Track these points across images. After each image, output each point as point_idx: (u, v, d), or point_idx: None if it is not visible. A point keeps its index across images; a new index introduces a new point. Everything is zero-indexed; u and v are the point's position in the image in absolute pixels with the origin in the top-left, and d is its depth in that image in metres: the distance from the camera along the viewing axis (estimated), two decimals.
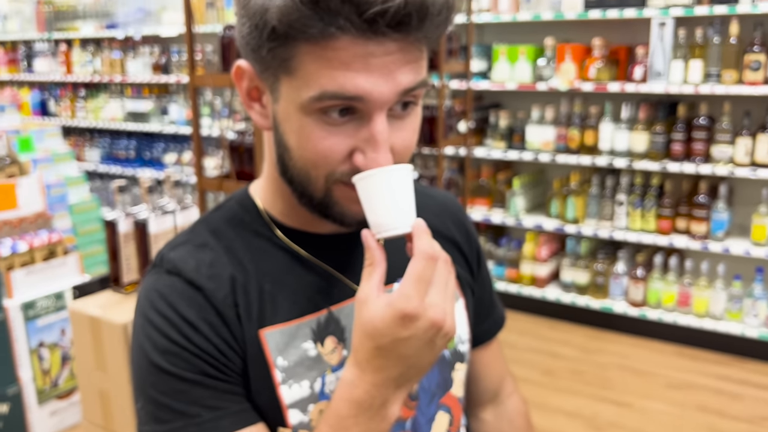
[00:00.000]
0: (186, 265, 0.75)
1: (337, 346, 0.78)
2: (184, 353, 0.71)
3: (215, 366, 0.72)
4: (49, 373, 2.70)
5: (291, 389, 0.75)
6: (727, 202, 3.26)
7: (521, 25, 3.82)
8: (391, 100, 0.67)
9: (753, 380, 3.11)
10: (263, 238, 0.79)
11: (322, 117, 0.67)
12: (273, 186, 0.80)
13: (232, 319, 0.74)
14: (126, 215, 1.67)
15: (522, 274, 3.78)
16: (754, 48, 3.02)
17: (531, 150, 3.69)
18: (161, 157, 5.25)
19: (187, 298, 0.73)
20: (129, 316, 1.58)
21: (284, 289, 0.77)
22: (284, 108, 0.70)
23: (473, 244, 0.97)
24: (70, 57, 5.50)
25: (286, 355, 0.75)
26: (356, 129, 0.68)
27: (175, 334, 0.71)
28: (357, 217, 0.73)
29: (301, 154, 0.70)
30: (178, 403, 0.71)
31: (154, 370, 0.72)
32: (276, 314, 0.76)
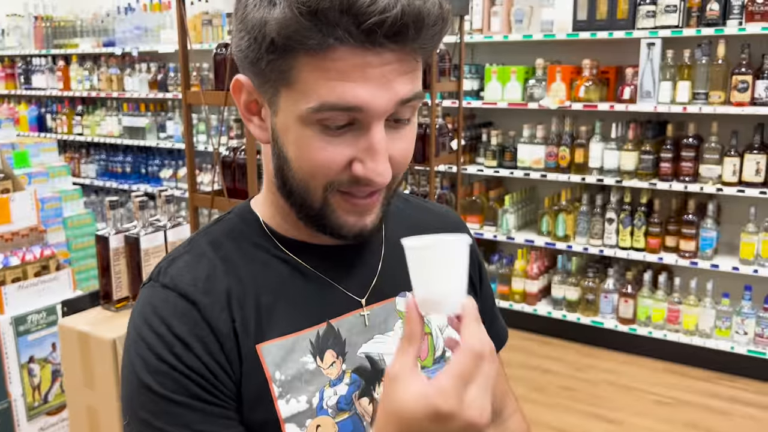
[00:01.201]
0: (182, 279, 0.74)
1: (336, 360, 0.77)
2: (174, 374, 0.70)
3: (205, 388, 0.71)
4: (38, 389, 2.70)
5: (288, 404, 0.74)
6: (715, 220, 3.29)
7: (512, 45, 3.87)
8: (389, 110, 0.68)
9: (742, 397, 3.12)
10: (263, 249, 0.79)
11: (321, 128, 0.68)
12: (272, 199, 0.80)
13: (227, 335, 0.73)
14: (117, 231, 1.69)
15: (513, 290, 3.81)
16: (741, 69, 3.07)
17: (522, 168, 3.73)
18: (157, 173, 5.28)
19: (180, 315, 0.72)
20: (118, 333, 1.59)
21: (283, 302, 0.77)
22: (283, 120, 0.70)
23: (474, 257, 0.97)
24: (67, 73, 5.55)
25: (284, 369, 0.74)
26: (355, 139, 0.69)
27: (166, 353, 0.70)
28: (353, 229, 0.74)
29: (300, 165, 0.70)
30: (166, 425, 0.69)
31: (144, 390, 0.70)
32: (274, 327, 0.75)
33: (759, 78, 3.05)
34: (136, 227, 1.71)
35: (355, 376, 0.79)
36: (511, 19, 3.65)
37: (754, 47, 3.14)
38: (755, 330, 3.20)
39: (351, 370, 0.79)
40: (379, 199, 0.74)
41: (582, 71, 3.51)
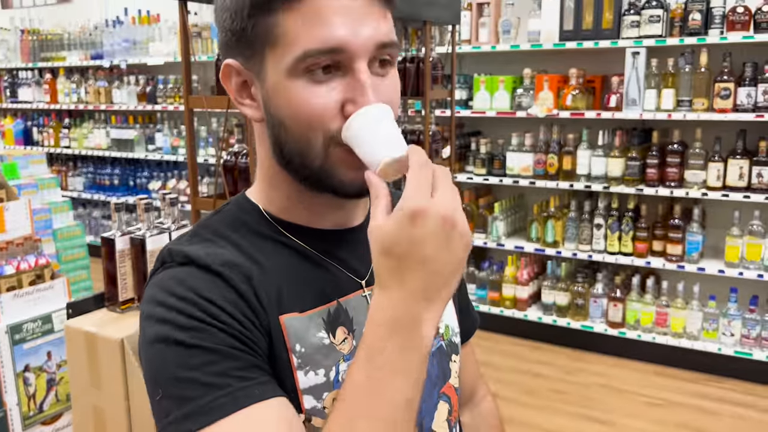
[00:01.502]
0: (198, 255, 0.74)
1: (348, 336, 0.79)
2: (210, 328, 0.68)
3: (242, 341, 0.70)
4: (34, 398, 2.69)
5: (307, 376, 0.75)
6: (700, 224, 3.37)
7: (500, 55, 3.95)
8: (369, 50, 0.71)
9: (730, 397, 3.18)
10: (266, 237, 0.80)
11: (308, 77, 0.71)
12: (271, 182, 0.81)
13: (254, 303, 0.73)
14: (122, 233, 1.71)
15: (504, 296, 3.85)
16: (724, 77, 3.17)
17: (511, 175, 3.79)
18: (146, 185, 5.27)
19: (206, 282, 0.71)
20: (125, 333, 1.61)
21: (293, 283, 0.78)
22: (273, 82, 0.73)
23: None
24: (54, 86, 5.54)
25: (303, 342, 0.75)
26: (343, 83, 0.72)
27: (198, 313, 0.69)
28: (355, 184, 0.74)
29: (296, 119, 0.72)
30: (205, 375, 0.67)
31: (179, 348, 0.68)
32: (290, 306, 0.76)
33: (740, 85, 3.14)
34: (141, 229, 1.72)
35: None
36: (499, 29, 3.73)
37: (735, 55, 3.24)
38: (741, 331, 3.27)
39: None
40: None
41: (569, 80, 3.59)
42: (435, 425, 0.88)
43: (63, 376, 2.65)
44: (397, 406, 0.63)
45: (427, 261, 0.64)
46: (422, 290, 0.64)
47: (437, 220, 0.64)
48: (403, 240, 0.64)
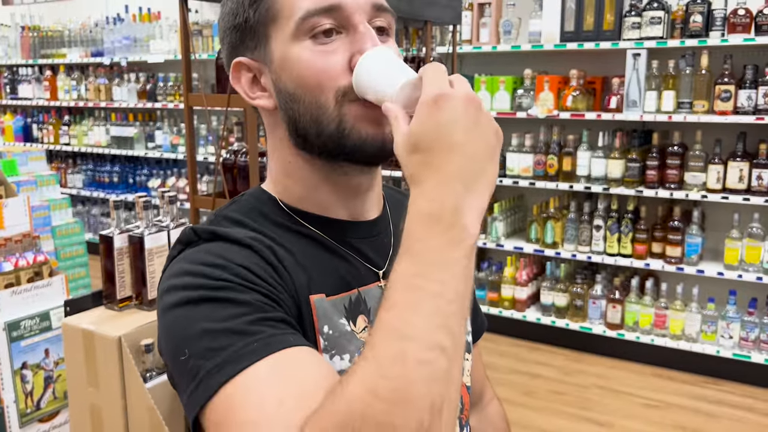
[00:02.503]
0: (227, 232, 0.73)
1: (368, 326, 0.80)
2: (241, 287, 0.67)
3: (274, 299, 0.68)
4: (31, 395, 2.68)
5: (332, 360, 0.75)
6: (700, 226, 3.37)
7: (501, 55, 3.94)
8: (366, 10, 0.74)
9: (728, 400, 3.18)
10: (285, 227, 0.80)
11: (313, 41, 0.73)
12: (287, 172, 0.81)
13: (285, 275, 0.72)
14: (121, 231, 1.70)
15: (503, 297, 3.85)
16: (724, 79, 3.16)
17: (511, 176, 3.79)
18: (145, 183, 5.27)
19: (238, 252, 0.70)
20: (123, 331, 1.60)
21: (316, 271, 0.77)
22: (279, 56, 0.75)
23: None
24: (54, 83, 5.53)
25: (331, 324, 0.75)
26: (345, 42, 0.74)
27: (228, 275, 0.67)
28: (376, 141, 0.74)
29: (305, 83, 0.74)
30: (237, 324, 0.64)
31: (208, 304, 0.66)
32: (317, 288, 0.76)
33: (741, 87, 3.14)
34: (140, 227, 1.72)
35: None
36: (500, 30, 3.73)
37: (736, 58, 3.24)
38: (740, 334, 3.27)
39: None
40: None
41: (569, 81, 3.59)
42: None
43: (60, 374, 2.65)
44: (449, 300, 0.58)
45: (457, 144, 0.60)
46: (458, 175, 0.60)
47: (461, 100, 0.61)
48: (430, 128, 0.61)
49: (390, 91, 0.68)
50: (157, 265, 1.73)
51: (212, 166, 4.67)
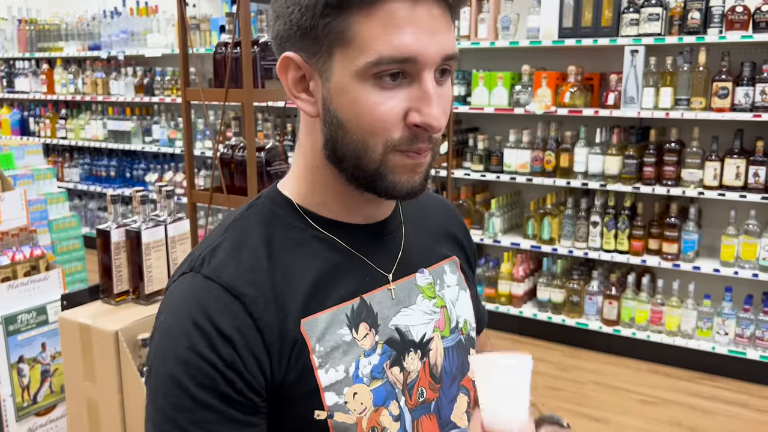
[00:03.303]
0: (226, 270, 0.76)
1: (369, 332, 0.81)
2: (207, 368, 0.72)
3: (234, 386, 0.73)
4: (28, 389, 2.68)
5: (327, 373, 0.77)
6: (696, 223, 3.38)
7: (499, 51, 3.94)
8: (437, 62, 0.73)
9: (723, 396, 3.20)
10: (298, 229, 0.82)
11: (376, 82, 0.72)
12: (309, 177, 0.83)
13: (271, 325, 0.75)
14: (118, 225, 1.70)
15: (499, 293, 3.86)
16: (722, 76, 3.16)
17: (508, 172, 3.79)
18: (142, 177, 5.26)
19: (224, 307, 0.74)
20: (120, 325, 1.60)
21: (322, 279, 0.80)
22: (338, 82, 0.73)
23: (471, 243, 1.06)
24: (51, 76, 5.51)
25: (323, 341, 0.78)
26: (408, 91, 0.73)
27: (202, 346, 0.72)
28: (405, 188, 0.77)
29: (359, 123, 0.73)
30: (183, 419, 0.72)
31: (170, 380, 0.73)
32: (314, 303, 0.78)
33: (738, 84, 3.14)
34: (137, 222, 1.72)
35: (386, 347, 0.83)
36: (498, 26, 3.72)
37: (733, 55, 3.24)
38: (736, 330, 3.28)
39: (383, 342, 0.83)
40: (427, 159, 0.78)
41: (567, 77, 3.59)
42: (454, 416, 0.90)
43: (57, 368, 2.65)
44: None
45: None
46: None
47: None
48: None
49: (495, 415, 0.71)
50: (154, 259, 1.73)
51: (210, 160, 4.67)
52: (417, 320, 0.86)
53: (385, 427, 0.81)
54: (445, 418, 0.89)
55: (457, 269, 0.97)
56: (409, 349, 0.85)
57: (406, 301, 0.87)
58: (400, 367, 0.83)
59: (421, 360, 0.86)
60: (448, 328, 0.91)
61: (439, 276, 0.92)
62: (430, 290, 0.90)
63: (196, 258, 0.80)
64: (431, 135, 0.76)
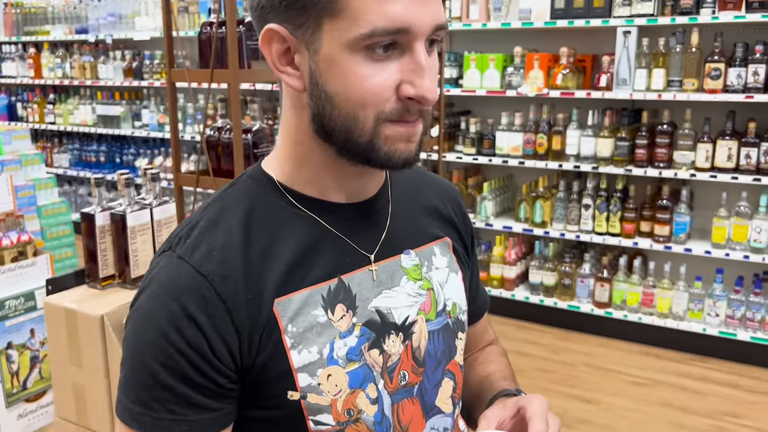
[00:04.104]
0: (198, 249, 0.76)
1: (346, 314, 0.80)
2: (170, 350, 0.72)
3: (197, 368, 0.73)
4: (17, 375, 2.67)
5: (300, 354, 0.76)
6: (688, 205, 3.37)
7: (491, 33, 3.91)
8: (429, 32, 0.71)
9: (714, 377, 3.21)
10: (279, 207, 0.80)
11: (367, 54, 0.70)
12: (294, 153, 0.81)
13: (240, 304, 0.74)
14: (102, 209, 1.68)
15: (491, 276, 3.85)
16: (714, 57, 3.15)
17: (500, 155, 3.77)
18: (132, 162, 5.21)
19: (193, 287, 0.74)
20: (105, 309, 1.58)
21: (299, 258, 0.78)
22: (327, 54, 0.71)
23: (468, 224, 1.03)
24: (39, 60, 5.44)
25: (296, 322, 0.77)
26: (399, 63, 0.72)
27: (168, 327, 0.72)
28: (401, 158, 0.75)
29: (349, 96, 0.72)
30: (144, 393, 0.74)
31: (137, 356, 0.74)
32: (289, 283, 0.77)
33: (731, 66, 3.12)
34: (122, 205, 1.70)
35: (365, 329, 0.81)
36: (490, 7, 3.69)
37: (726, 36, 3.22)
38: (726, 312, 3.29)
39: (361, 324, 0.81)
40: (420, 127, 0.76)
41: (559, 59, 3.56)
42: (438, 401, 0.89)
43: (47, 354, 2.63)
44: None
45: None
46: None
47: None
48: None
49: None
50: (140, 243, 1.71)
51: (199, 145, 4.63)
52: (400, 302, 0.84)
53: (361, 409, 0.80)
54: (429, 403, 0.87)
55: (449, 250, 0.95)
56: (390, 332, 0.83)
57: (388, 283, 0.84)
58: (379, 350, 0.82)
59: (403, 343, 0.84)
60: (434, 311, 0.88)
61: (427, 257, 0.90)
62: (415, 272, 0.88)
63: (174, 237, 0.80)
64: (423, 107, 0.74)
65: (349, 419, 0.79)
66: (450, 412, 0.91)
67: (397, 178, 0.92)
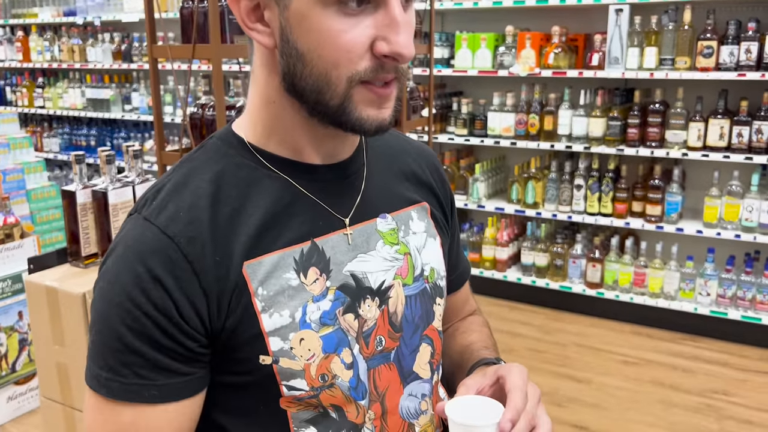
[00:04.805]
0: (164, 211, 0.74)
1: (320, 277, 0.78)
2: (137, 312, 0.70)
3: (165, 331, 0.71)
4: (6, 358, 2.66)
5: (272, 318, 0.75)
6: (680, 185, 3.36)
7: (482, 12, 3.87)
8: None
9: (704, 356, 3.22)
10: (249, 168, 0.78)
11: (340, 8, 0.67)
12: (265, 113, 0.79)
13: (207, 266, 0.73)
14: (84, 186, 1.66)
15: (484, 258, 3.84)
16: (707, 35, 3.12)
17: (492, 136, 3.75)
18: (123, 146, 5.18)
19: (159, 250, 0.72)
20: (87, 287, 1.57)
21: (270, 219, 0.77)
22: (297, 8, 0.69)
23: (447, 190, 1.01)
24: (27, 43, 5.38)
25: (267, 285, 0.75)
26: (373, 18, 0.69)
27: (134, 290, 0.71)
28: (374, 123, 0.73)
29: (320, 53, 0.69)
30: (112, 358, 0.72)
31: (104, 320, 0.73)
32: (260, 245, 0.75)
33: (723, 44, 3.10)
34: (104, 182, 1.68)
35: (339, 293, 0.79)
36: None
37: (719, 13, 3.19)
38: (717, 291, 3.29)
39: (336, 287, 0.79)
40: (394, 91, 0.74)
41: (551, 38, 3.53)
42: (416, 367, 0.88)
43: None
44: None
45: None
46: None
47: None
48: None
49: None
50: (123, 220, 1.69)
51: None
52: (375, 267, 0.83)
53: (336, 374, 0.78)
54: (406, 368, 0.86)
55: (427, 215, 0.93)
56: (365, 296, 0.81)
57: (363, 247, 0.83)
58: (354, 314, 0.80)
59: (379, 308, 0.82)
60: (411, 275, 0.87)
61: (404, 222, 0.88)
62: (392, 236, 0.86)
63: (141, 199, 0.78)
64: (399, 65, 0.71)
65: (323, 384, 0.78)
66: (428, 378, 0.89)
67: (373, 142, 0.90)
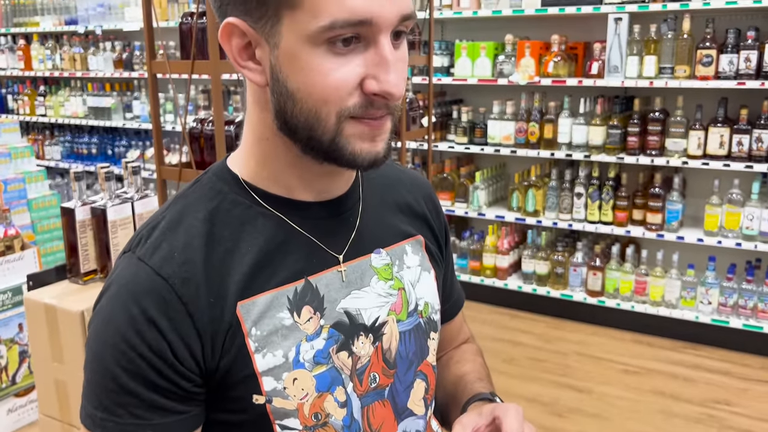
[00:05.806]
0: (158, 251, 0.74)
1: (314, 316, 0.78)
2: (132, 354, 0.70)
3: (160, 372, 0.71)
4: (6, 370, 2.66)
5: (265, 358, 0.75)
6: (680, 193, 3.36)
7: (482, 21, 3.88)
8: (394, 23, 0.68)
9: (705, 365, 3.21)
10: (243, 207, 0.78)
11: (329, 48, 0.67)
12: (259, 150, 0.78)
13: (201, 307, 0.73)
14: (83, 203, 1.66)
15: (484, 266, 3.84)
16: (706, 43, 3.12)
17: (492, 144, 3.75)
18: (124, 154, 5.19)
19: (153, 291, 0.72)
20: (86, 305, 1.57)
21: (264, 258, 0.76)
22: (287, 48, 0.69)
23: (442, 220, 1.00)
24: (28, 52, 5.40)
25: (260, 325, 0.75)
26: (363, 56, 0.69)
27: (129, 332, 0.71)
28: (368, 157, 0.73)
29: (310, 92, 0.69)
30: (107, 398, 0.72)
31: (99, 361, 0.73)
32: (253, 285, 0.75)
33: (723, 52, 3.10)
34: (103, 199, 1.68)
35: (333, 330, 0.79)
36: None
37: (718, 22, 3.19)
38: (719, 299, 3.28)
39: (329, 325, 0.79)
40: (387, 123, 0.74)
41: (551, 47, 3.53)
42: (410, 403, 0.87)
43: None
44: None
45: None
46: None
47: None
48: None
49: None
50: (121, 237, 1.69)
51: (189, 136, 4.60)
52: (369, 303, 0.82)
53: (329, 413, 0.78)
54: (400, 405, 0.86)
55: (421, 248, 0.92)
56: (359, 333, 0.81)
57: (357, 283, 0.82)
58: (348, 352, 0.80)
59: (373, 344, 0.82)
60: (406, 311, 0.86)
61: (398, 256, 0.88)
62: (386, 271, 0.86)
63: (135, 238, 0.78)
64: (389, 102, 0.71)
65: (316, 423, 0.78)
66: (422, 414, 0.89)
67: (368, 175, 0.90)
